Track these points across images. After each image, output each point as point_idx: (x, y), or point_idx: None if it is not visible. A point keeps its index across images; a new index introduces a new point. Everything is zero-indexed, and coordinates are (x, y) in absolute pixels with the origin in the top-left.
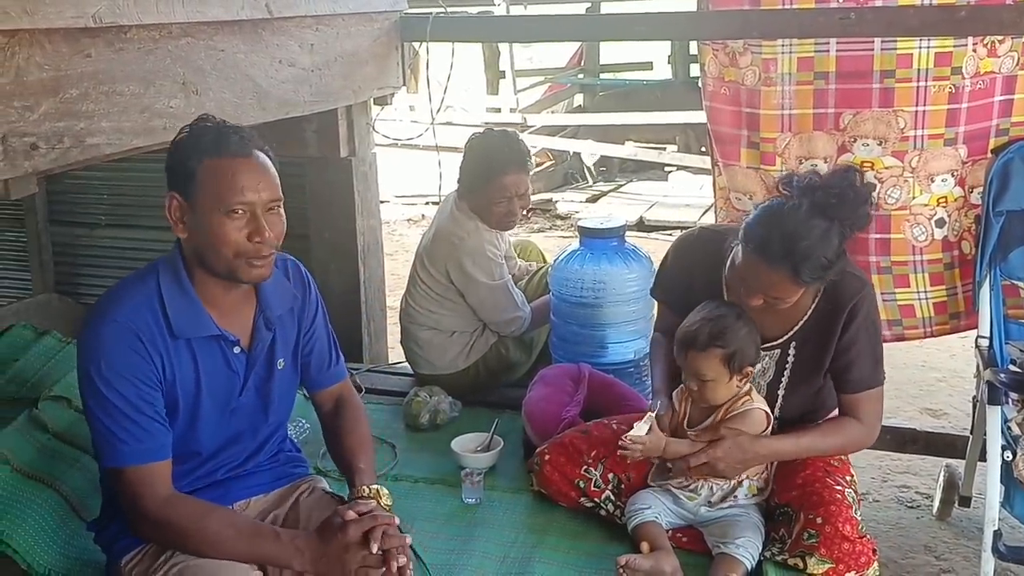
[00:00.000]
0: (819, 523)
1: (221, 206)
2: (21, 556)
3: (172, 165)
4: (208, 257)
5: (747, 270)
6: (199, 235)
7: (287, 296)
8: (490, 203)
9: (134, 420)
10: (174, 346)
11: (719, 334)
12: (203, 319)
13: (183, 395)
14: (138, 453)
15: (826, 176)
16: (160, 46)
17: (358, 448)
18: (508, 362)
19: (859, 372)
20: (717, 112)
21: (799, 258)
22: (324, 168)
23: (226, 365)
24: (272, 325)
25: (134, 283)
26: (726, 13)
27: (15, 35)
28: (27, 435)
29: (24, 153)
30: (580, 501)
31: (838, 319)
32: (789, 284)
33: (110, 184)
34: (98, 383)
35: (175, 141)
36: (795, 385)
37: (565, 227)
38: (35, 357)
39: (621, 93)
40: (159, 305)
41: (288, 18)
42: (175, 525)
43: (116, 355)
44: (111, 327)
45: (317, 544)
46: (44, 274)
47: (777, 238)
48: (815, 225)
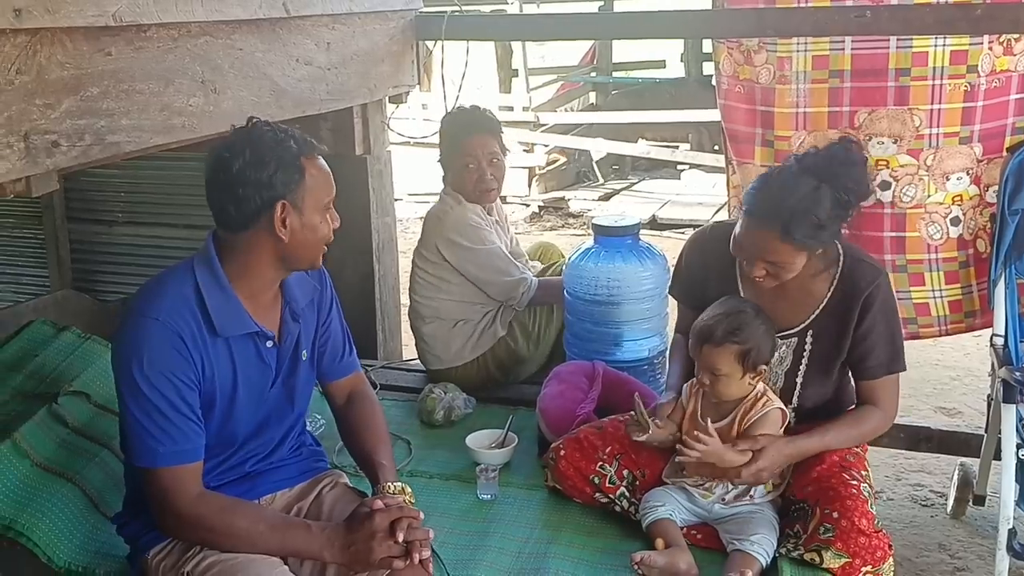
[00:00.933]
0: (835, 517)
1: (323, 202)
2: (42, 549)
3: (270, 177)
4: (304, 252)
5: (743, 236)
6: (303, 233)
7: (308, 288)
8: (462, 171)
9: (171, 420)
10: (212, 343)
11: (736, 330)
12: (243, 317)
13: (220, 391)
14: (173, 455)
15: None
16: (179, 45)
17: (377, 443)
18: (517, 356)
19: (877, 359)
20: (731, 110)
21: (787, 215)
22: (339, 166)
23: (259, 359)
24: (298, 317)
25: (171, 281)
26: (741, 11)
27: (37, 34)
28: (47, 430)
29: (46, 150)
30: (595, 497)
31: (854, 307)
32: (780, 244)
33: (127, 182)
34: (138, 381)
35: (262, 151)
36: (812, 375)
37: (577, 225)
38: (55, 352)
39: (634, 91)
40: (198, 304)
41: (305, 17)
42: (206, 522)
43: (158, 354)
44: (153, 325)
45: (345, 534)
46: (62, 271)
47: (765, 197)
48: (803, 183)
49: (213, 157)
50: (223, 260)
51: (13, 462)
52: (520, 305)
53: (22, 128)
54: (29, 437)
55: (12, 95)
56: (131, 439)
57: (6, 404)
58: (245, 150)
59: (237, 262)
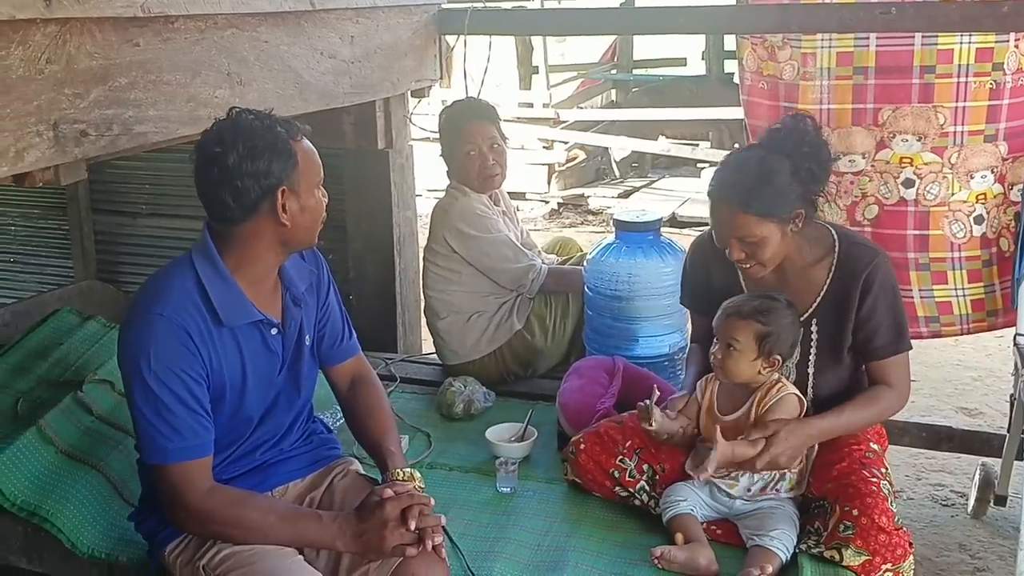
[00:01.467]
0: (855, 515)
1: (316, 181)
2: (66, 535)
3: (267, 164)
4: (303, 235)
5: (712, 219)
6: (303, 216)
7: (305, 272)
8: (464, 159)
9: (180, 417)
10: (219, 335)
11: (764, 311)
12: (247, 306)
13: (230, 382)
14: (182, 451)
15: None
16: (206, 37)
17: (383, 429)
18: (534, 349)
19: (883, 339)
20: (754, 106)
21: (742, 187)
22: (361, 160)
23: (266, 347)
24: (299, 302)
25: (172, 275)
26: (766, 7)
27: (67, 23)
28: (72, 417)
29: (74, 139)
30: (615, 491)
31: (854, 290)
32: (743, 216)
33: (151, 174)
34: (146, 378)
35: (256, 141)
36: (823, 363)
37: (596, 223)
38: (80, 341)
39: (655, 89)
40: (201, 297)
41: (330, 10)
42: (217, 516)
43: (164, 350)
44: (158, 321)
45: (356, 523)
46: (86, 262)
47: (722, 176)
48: (755, 156)
49: (203, 153)
50: (221, 251)
51: (38, 449)
52: (531, 292)
53: (51, 117)
54: (54, 424)
55: (42, 84)
56: (141, 437)
57: (32, 391)
58: (237, 142)
59: (236, 252)
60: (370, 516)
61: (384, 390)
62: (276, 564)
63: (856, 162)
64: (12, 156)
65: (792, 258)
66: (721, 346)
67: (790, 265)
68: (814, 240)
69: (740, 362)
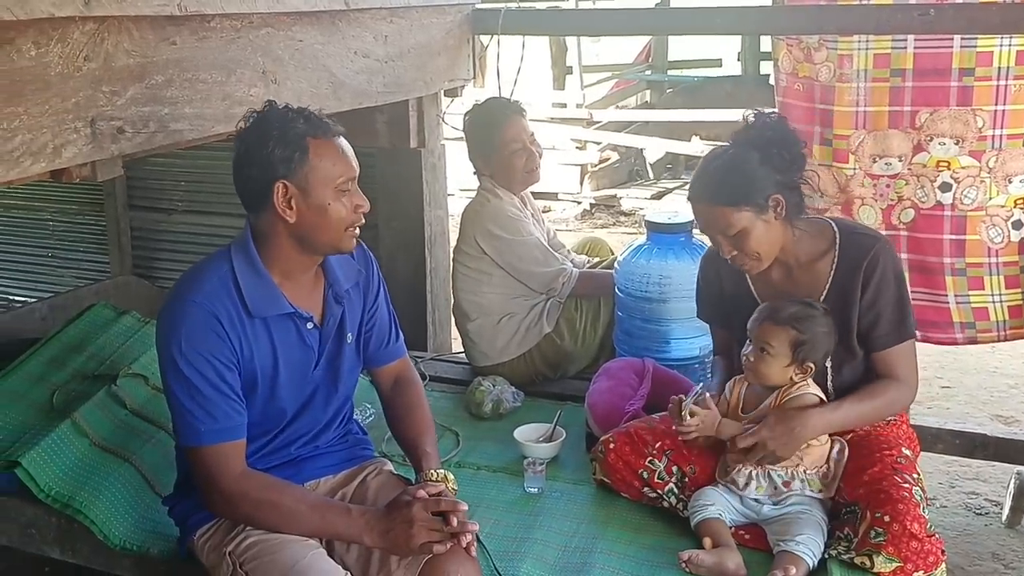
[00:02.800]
0: (886, 521)
1: (335, 183)
2: (99, 527)
3: (274, 155)
4: (318, 235)
5: (696, 220)
6: (312, 215)
7: (352, 271)
8: (510, 158)
9: (211, 400)
10: (251, 325)
11: (801, 318)
12: (277, 298)
13: (261, 371)
14: (214, 433)
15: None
16: (242, 35)
17: (421, 429)
18: (563, 352)
19: (885, 327)
20: (790, 108)
21: (709, 182)
22: (394, 158)
23: (301, 341)
24: (341, 299)
25: (209, 266)
26: (802, 8)
27: (105, 21)
28: (106, 410)
29: (111, 136)
30: (643, 491)
31: (856, 279)
32: (719, 210)
33: (186, 171)
34: (178, 362)
35: (264, 131)
36: (838, 356)
37: (629, 223)
38: (115, 335)
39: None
40: (234, 287)
41: (364, 9)
42: (250, 499)
43: (195, 335)
44: (190, 308)
45: (385, 519)
46: (122, 257)
47: (695, 179)
48: (721, 153)
49: (235, 141)
50: (257, 243)
51: (73, 441)
52: (561, 296)
53: (89, 114)
54: (88, 417)
55: (80, 81)
56: (176, 420)
57: (67, 384)
58: (252, 132)
59: (265, 244)
60: (398, 514)
61: (424, 391)
62: (298, 553)
63: (892, 165)
64: (50, 152)
65: (795, 253)
66: (754, 349)
67: (794, 261)
68: (815, 234)
69: (772, 367)
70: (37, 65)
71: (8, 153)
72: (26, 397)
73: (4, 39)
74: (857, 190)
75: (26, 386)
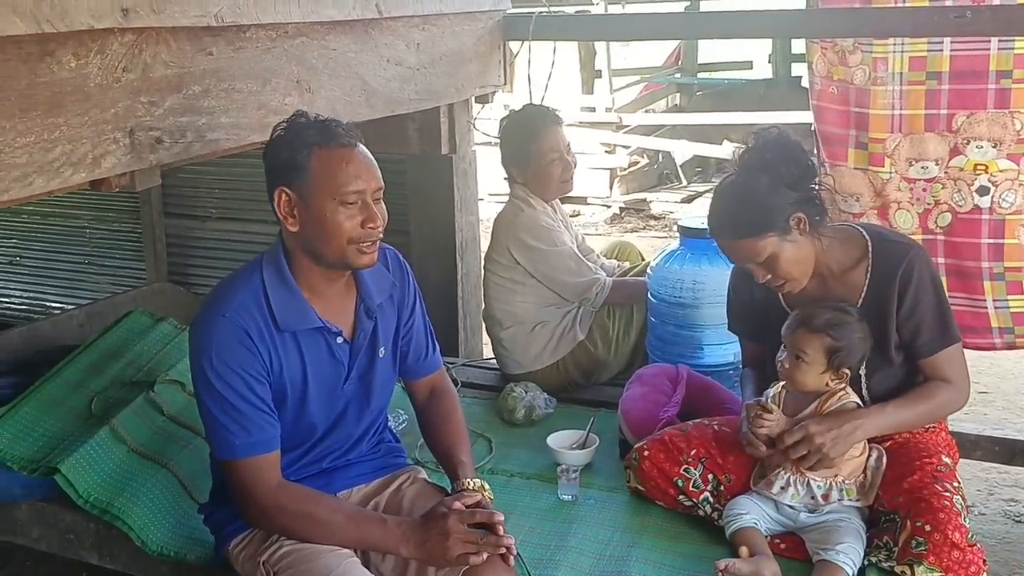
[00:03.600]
0: (927, 530)
1: (336, 195)
2: (136, 533)
3: (278, 161)
4: (320, 247)
5: (723, 253)
6: (312, 226)
7: (386, 284)
8: (548, 167)
9: (244, 413)
10: (280, 339)
11: (837, 325)
12: (306, 312)
13: (291, 385)
14: (249, 446)
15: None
16: (277, 45)
17: (456, 439)
18: (596, 359)
19: (928, 334)
20: (824, 111)
21: (725, 218)
22: (425, 165)
23: (330, 355)
24: (373, 313)
25: (240, 278)
26: (837, 11)
27: (143, 33)
28: (144, 417)
29: (150, 146)
30: (678, 499)
31: (892, 288)
32: (743, 243)
33: (220, 179)
34: (209, 376)
35: (277, 138)
36: (873, 364)
37: (659, 227)
38: (152, 342)
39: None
40: (264, 300)
41: (396, 18)
42: (286, 511)
43: (225, 349)
44: (220, 322)
45: (420, 531)
46: (158, 264)
47: (711, 218)
48: (731, 184)
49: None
50: (287, 256)
51: (111, 447)
52: (595, 305)
53: (127, 124)
54: (126, 423)
55: (119, 92)
56: (210, 433)
57: (105, 391)
58: (273, 140)
59: (292, 257)
60: (435, 525)
61: (459, 401)
62: (333, 563)
63: (929, 169)
64: (90, 162)
65: (827, 263)
66: (789, 356)
67: (827, 271)
68: (847, 243)
69: (808, 374)
70: (77, 76)
71: (49, 164)
72: (65, 404)
73: (45, 51)
74: (893, 194)
75: (65, 393)
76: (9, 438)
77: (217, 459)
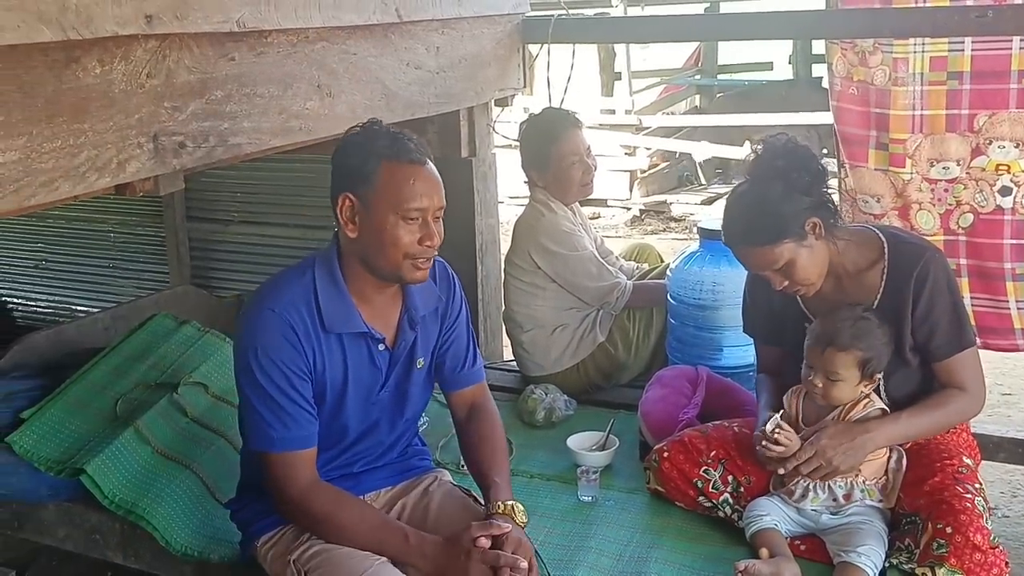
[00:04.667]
0: (949, 532)
1: (399, 209)
2: (160, 533)
3: (346, 166)
4: (376, 256)
5: (740, 261)
6: (370, 234)
7: (432, 297)
8: (568, 170)
9: (284, 408)
10: (325, 339)
11: (862, 336)
12: (353, 316)
13: (331, 385)
14: (286, 440)
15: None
16: (298, 50)
17: (493, 460)
18: (616, 362)
19: (943, 337)
20: (845, 112)
21: (740, 226)
22: (445, 168)
23: (370, 361)
24: (416, 325)
25: (293, 275)
26: (857, 11)
27: (166, 39)
28: (168, 418)
29: (173, 151)
30: (698, 500)
31: (907, 290)
32: (760, 251)
33: (242, 183)
34: (253, 368)
35: (348, 141)
36: (890, 366)
37: (679, 229)
38: (176, 345)
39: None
40: (314, 299)
41: (416, 22)
42: (315, 511)
43: (271, 343)
44: (268, 316)
45: (443, 554)
46: (181, 267)
47: (725, 227)
48: (740, 191)
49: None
50: (340, 258)
51: (135, 449)
52: (615, 309)
53: (151, 129)
54: (151, 425)
55: (143, 98)
56: (247, 424)
57: (130, 393)
58: (342, 144)
59: (345, 260)
60: (456, 554)
61: (500, 420)
62: (363, 564)
63: (950, 169)
64: (115, 167)
65: (844, 265)
66: (820, 376)
67: (843, 272)
68: (861, 243)
69: (844, 390)
70: (102, 83)
71: (74, 168)
72: (91, 406)
73: (70, 58)
74: (914, 195)
75: (90, 395)
76: (36, 439)
77: (252, 449)
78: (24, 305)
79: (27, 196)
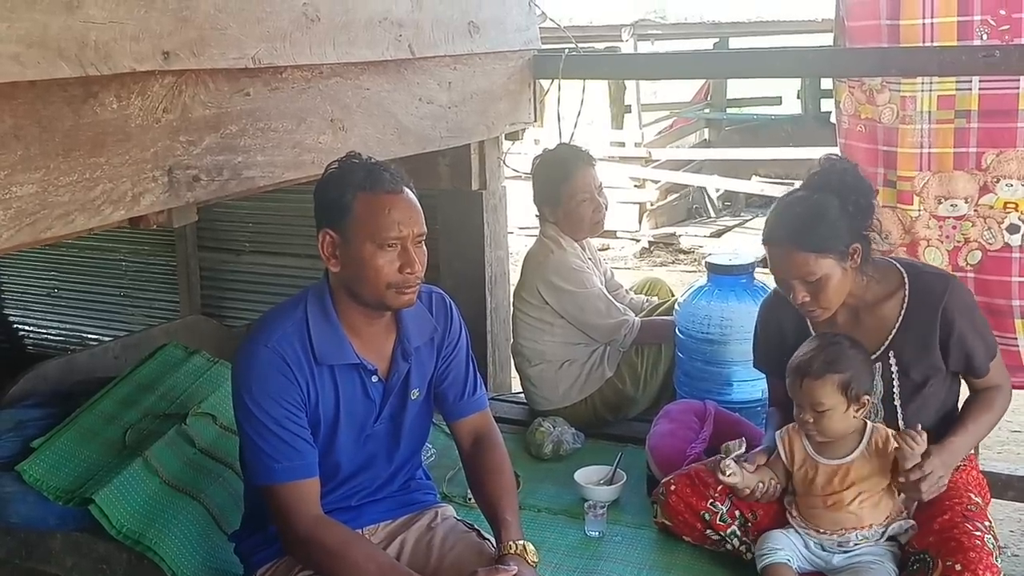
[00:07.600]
0: (958, 570)
1: (376, 239)
2: (167, 564)
3: (325, 201)
4: (359, 287)
5: (771, 263)
6: (352, 266)
7: (427, 328)
8: (578, 207)
9: (282, 439)
10: (318, 371)
11: (834, 360)
12: (344, 347)
13: (323, 418)
14: (287, 471)
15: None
16: (312, 85)
17: (501, 496)
18: (624, 396)
19: (980, 355)
20: (852, 149)
21: (793, 227)
22: (456, 200)
23: (364, 393)
24: (409, 356)
25: (285, 310)
26: (864, 50)
27: (183, 75)
28: (176, 449)
29: (187, 184)
30: (706, 533)
31: (934, 319)
32: (800, 255)
33: (254, 213)
34: (249, 403)
35: (326, 178)
36: (908, 394)
37: (688, 261)
38: (185, 375)
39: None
40: (306, 332)
41: (429, 58)
42: (322, 547)
43: (266, 378)
44: (262, 351)
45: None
46: (192, 297)
47: (774, 221)
48: (803, 197)
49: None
50: (332, 292)
51: (144, 479)
52: (624, 346)
53: (166, 163)
54: (159, 455)
55: (158, 132)
56: (248, 459)
57: (139, 423)
58: (321, 181)
59: (335, 293)
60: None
61: (506, 451)
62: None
63: (958, 207)
64: (129, 200)
65: (861, 296)
66: (808, 411)
67: (860, 304)
68: (881, 276)
69: (834, 420)
70: (119, 117)
71: (90, 202)
72: (100, 435)
73: (88, 93)
74: (922, 232)
75: (100, 424)
76: (46, 468)
77: (255, 485)
78: (36, 333)
79: (43, 228)
